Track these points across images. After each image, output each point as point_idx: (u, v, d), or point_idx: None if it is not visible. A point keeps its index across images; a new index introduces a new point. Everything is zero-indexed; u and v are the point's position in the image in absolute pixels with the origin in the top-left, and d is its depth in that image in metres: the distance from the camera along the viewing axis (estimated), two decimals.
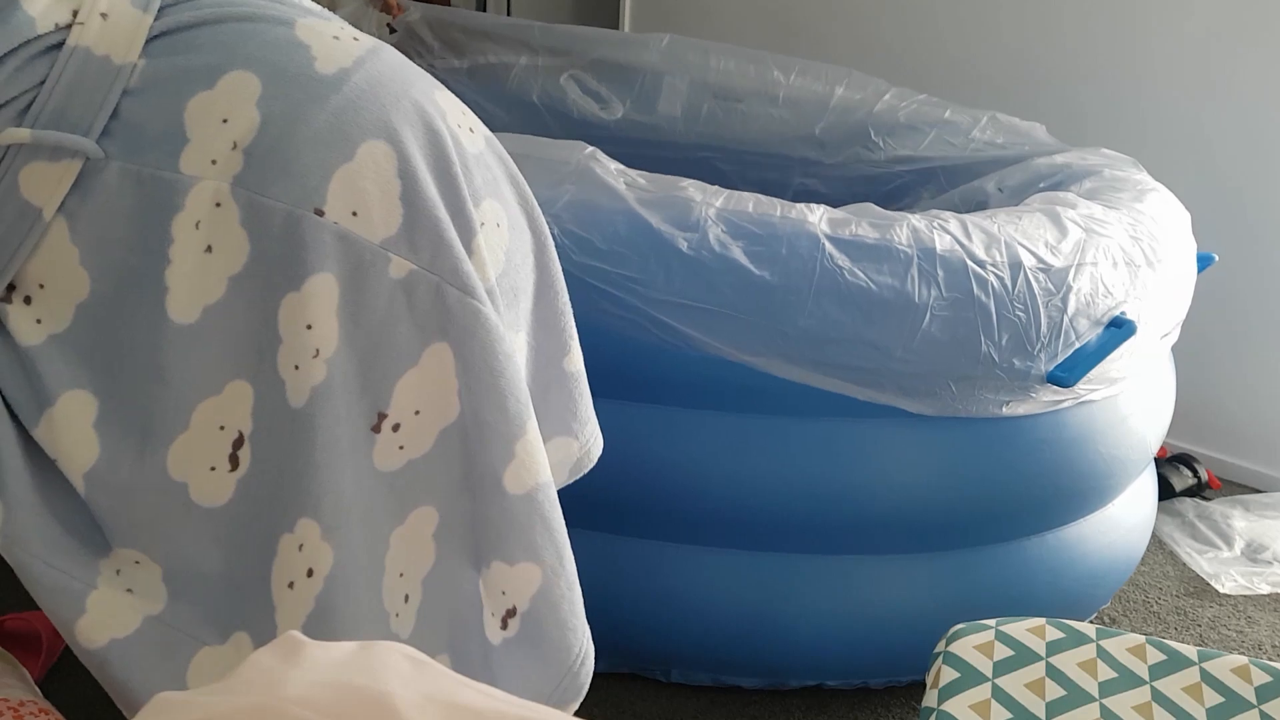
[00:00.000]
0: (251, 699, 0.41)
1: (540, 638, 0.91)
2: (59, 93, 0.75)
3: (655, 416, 1.47)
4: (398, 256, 0.80)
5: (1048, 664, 1.02)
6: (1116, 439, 1.60)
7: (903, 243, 1.44)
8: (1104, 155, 1.94)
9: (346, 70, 0.80)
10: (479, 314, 0.83)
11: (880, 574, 1.53)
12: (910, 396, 1.44)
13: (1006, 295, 1.43)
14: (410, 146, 0.81)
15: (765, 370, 1.42)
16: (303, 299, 0.77)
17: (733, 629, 1.52)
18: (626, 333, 1.42)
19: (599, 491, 1.44)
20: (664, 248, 1.40)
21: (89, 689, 1.58)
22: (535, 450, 0.88)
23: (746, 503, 1.47)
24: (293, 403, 0.78)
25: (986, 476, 1.52)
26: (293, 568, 0.80)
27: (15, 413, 0.79)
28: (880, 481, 1.49)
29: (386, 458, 0.83)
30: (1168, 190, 1.81)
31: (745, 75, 2.28)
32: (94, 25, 0.76)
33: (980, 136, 2.09)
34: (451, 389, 0.84)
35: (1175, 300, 1.66)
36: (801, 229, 1.44)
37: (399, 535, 0.85)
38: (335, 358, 0.79)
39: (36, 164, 0.75)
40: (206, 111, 0.76)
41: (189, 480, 0.79)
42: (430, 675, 0.44)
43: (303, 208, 0.76)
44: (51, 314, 0.78)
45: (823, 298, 1.40)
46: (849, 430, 1.47)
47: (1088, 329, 1.48)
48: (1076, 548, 1.62)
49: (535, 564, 0.89)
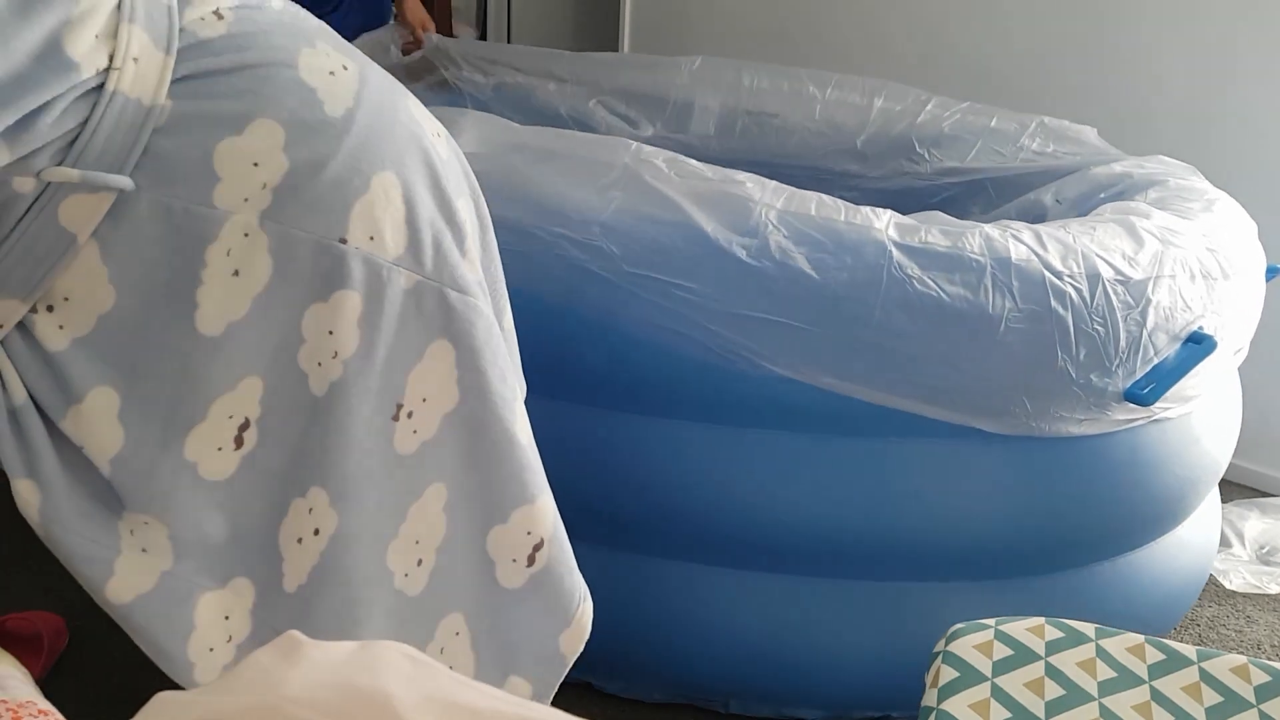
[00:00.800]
0: (251, 698, 0.41)
1: (562, 560, 1.09)
2: (100, 134, 0.84)
3: (709, 436, 1.42)
4: (406, 270, 0.94)
5: (1047, 663, 1.02)
6: (1189, 459, 1.54)
7: (975, 251, 1.38)
8: (1163, 163, 1.86)
9: (351, 110, 0.93)
10: (476, 309, 0.99)
11: (941, 602, 1.46)
12: (983, 414, 1.39)
13: (1085, 308, 1.37)
14: (411, 173, 0.95)
15: (827, 387, 1.37)
16: (330, 309, 0.91)
17: (790, 659, 1.47)
18: (679, 348, 1.36)
19: (651, 516, 1.42)
20: (719, 255, 1.34)
21: (89, 689, 1.58)
22: (523, 405, 1.07)
23: (799, 527, 1.42)
24: (315, 392, 0.93)
25: (1055, 500, 1.46)
26: (301, 526, 0.95)
27: (41, 408, 0.89)
28: (942, 505, 1.43)
29: (404, 442, 0.98)
30: (1233, 201, 1.74)
31: (779, 91, 2.20)
32: (129, 71, 0.85)
33: (1030, 145, 1.99)
34: (452, 379, 0.99)
35: (1249, 313, 1.60)
36: (868, 235, 1.38)
37: (416, 508, 0.99)
38: (353, 359, 0.93)
39: (76, 196, 0.85)
40: (237, 155, 0.88)
41: (199, 460, 0.92)
42: (429, 675, 0.44)
43: (329, 238, 0.91)
44: (73, 321, 0.88)
45: (891, 308, 1.34)
46: (908, 450, 1.42)
47: (1166, 344, 1.43)
48: (1146, 574, 1.56)
49: (546, 495, 1.07)
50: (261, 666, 0.43)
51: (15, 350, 0.88)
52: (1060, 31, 2.50)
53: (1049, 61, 2.50)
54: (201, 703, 0.42)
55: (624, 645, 1.45)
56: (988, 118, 2.08)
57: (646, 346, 1.38)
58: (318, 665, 0.43)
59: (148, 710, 0.42)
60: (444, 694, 0.43)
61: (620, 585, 1.43)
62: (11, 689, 1.26)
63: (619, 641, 1.38)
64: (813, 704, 1.53)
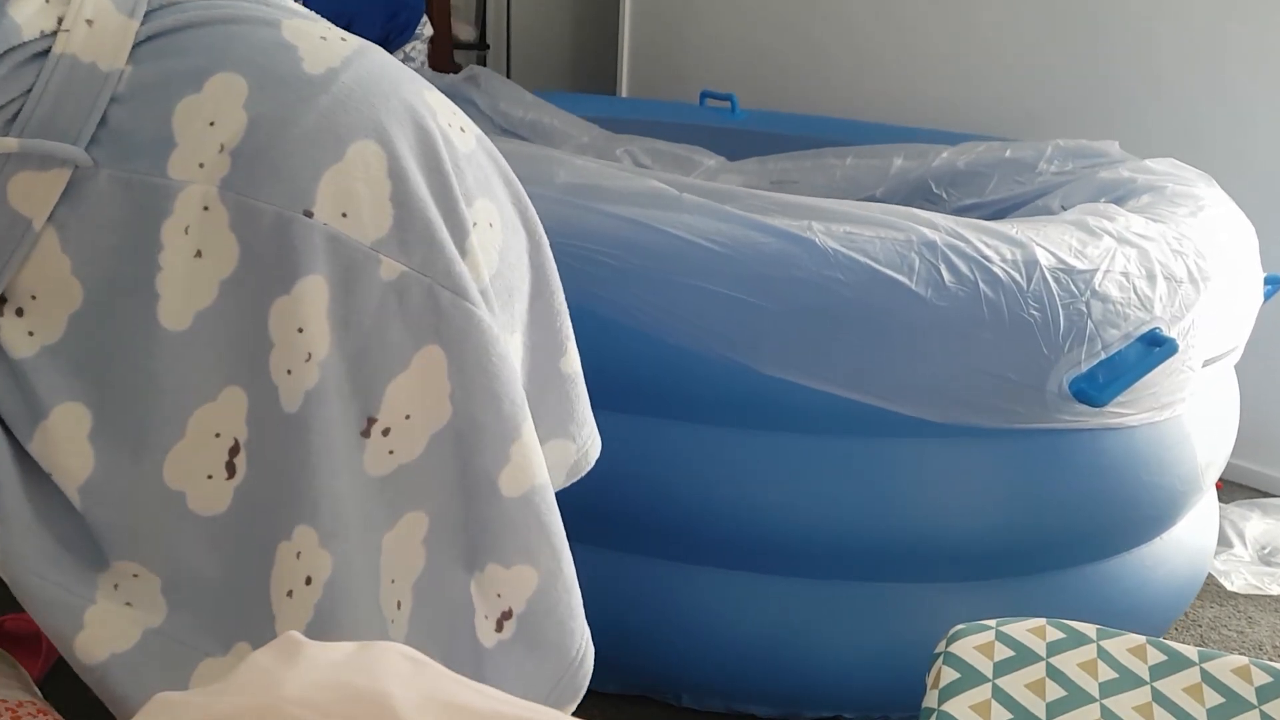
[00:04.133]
0: (250, 699, 0.41)
1: (537, 640, 0.90)
2: (46, 101, 0.74)
3: (681, 434, 1.42)
4: (388, 258, 0.78)
5: (1048, 664, 1.02)
6: (1180, 461, 1.52)
7: (900, 237, 1.39)
8: (1172, 167, 1.85)
9: (335, 70, 0.79)
10: (472, 316, 0.82)
11: (910, 602, 1.45)
12: (916, 404, 1.38)
13: (1020, 294, 1.36)
14: (400, 146, 0.80)
15: (754, 368, 1.37)
16: (293, 302, 0.76)
17: (748, 655, 1.47)
18: (673, 346, 1.37)
19: (615, 509, 1.41)
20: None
21: (89, 689, 1.58)
22: (531, 452, 0.87)
23: (765, 525, 1.41)
24: (286, 408, 0.77)
25: (1043, 500, 1.45)
26: (291, 576, 0.79)
27: (9, 427, 0.78)
28: (913, 504, 1.42)
29: (377, 463, 0.82)
30: (1236, 208, 1.72)
31: (802, 168, 2.26)
32: (80, 32, 0.75)
33: (1048, 169, 1.99)
34: (444, 393, 0.83)
35: (1227, 322, 1.57)
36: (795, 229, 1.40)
37: (390, 540, 0.84)
38: (328, 361, 0.77)
39: (25, 173, 0.74)
40: (193, 115, 0.75)
41: (186, 490, 0.78)
42: (429, 675, 0.44)
43: (292, 209, 0.75)
44: (44, 325, 0.77)
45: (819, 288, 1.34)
46: (877, 450, 1.41)
47: (1116, 341, 1.39)
48: (1139, 575, 1.55)
49: (531, 567, 0.88)
50: (261, 667, 0.43)
51: None
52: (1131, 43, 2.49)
53: (1113, 74, 2.49)
54: (201, 703, 0.41)
55: (624, 651, 1.44)
56: (1002, 149, 2.08)
57: (642, 344, 1.38)
58: (317, 666, 0.43)
59: (147, 710, 0.42)
60: (444, 695, 0.43)
61: (616, 588, 1.43)
62: (11, 689, 1.26)
63: (619, 647, 1.37)
64: (767, 701, 1.53)
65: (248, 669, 0.43)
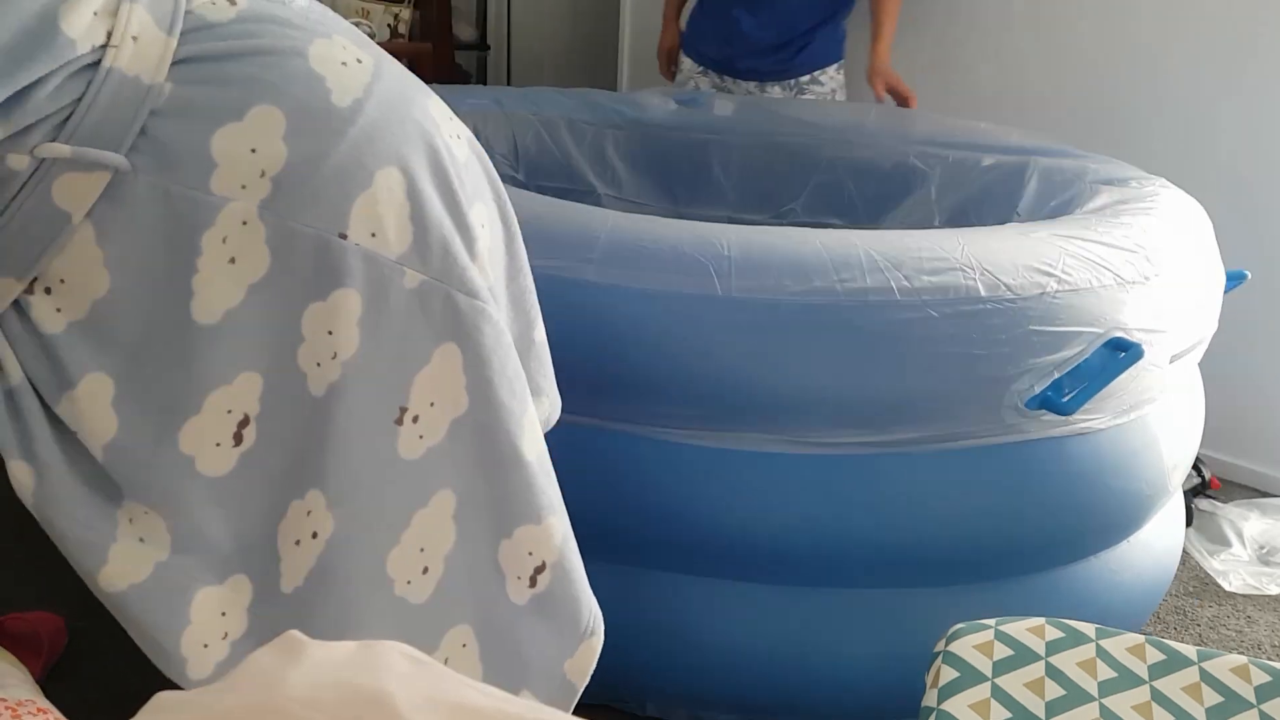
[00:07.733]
0: (251, 698, 0.41)
1: (568, 587, 1.06)
2: (95, 111, 0.83)
3: (660, 444, 1.41)
4: (411, 270, 0.92)
5: (1047, 663, 1.02)
6: (1146, 463, 1.51)
7: (819, 251, 1.37)
8: (1126, 169, 1.86)
9: (359, 101, 0.91)
10: (485, 314, 0.96)
11: (882, 609, 1.45)
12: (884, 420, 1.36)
13: (977, 306, 1.33)
14: (417, 169, 0.93)
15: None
16: (328, 308, 0.90)
17: (722, 664, 1.46)
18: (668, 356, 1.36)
19: (603, 523, 1.39)
20: None
21: (89, 689, 1.58)
22: (535, 419, 1.03)
23: (747, 535, 1.40)
24: (314, 392, 0.91)
25: (1006, 506, 1.43)
26: (299, 528, 0.94)
27: (39, 391, 0.89)
28: (894, 513, 1.41)
29: (409, 447, 0.95)
30: (1193, 204, 1.71)
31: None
32: (127, 48, 0.84)
33: (994, 165, 2.06)
34: (460, 384, 0.96)
35: (1189, 319, 1.54)
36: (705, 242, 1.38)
37: (421, 515, 0.97)
38: (353, 361, 0.91)
39: (70, 174, 0.84)
40: (235, 140, 0.86)
41: (196, 455, 0.91)
42: (431, 675, 0.44)
43: (329, 233, 0.89)
44: (69, 305, 0.88)
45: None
46: (861, 461, 1.39)
47: (1078, 351, 1.37)
48: (1107, 577, 1.55)
49: (555, 516, 1.04)
50: (262, 666, 0.43)
51: (13, 332, 0.88)
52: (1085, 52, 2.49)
53: (1071, 81, 2.50)
54: (201, 703, 0.42)
55: (628, 660, 1.43)
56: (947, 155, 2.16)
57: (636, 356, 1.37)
58: (319, 665, 0.43)
59: (147, 710, 0.42)
60: (446, 694, 0.43)
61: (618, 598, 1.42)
62: (11, 688, 1.26)
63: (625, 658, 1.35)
64: (806, 713, 1.50)
65: (249, 668, 0.43)
